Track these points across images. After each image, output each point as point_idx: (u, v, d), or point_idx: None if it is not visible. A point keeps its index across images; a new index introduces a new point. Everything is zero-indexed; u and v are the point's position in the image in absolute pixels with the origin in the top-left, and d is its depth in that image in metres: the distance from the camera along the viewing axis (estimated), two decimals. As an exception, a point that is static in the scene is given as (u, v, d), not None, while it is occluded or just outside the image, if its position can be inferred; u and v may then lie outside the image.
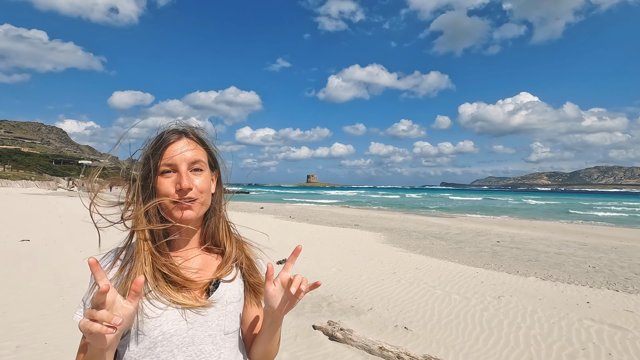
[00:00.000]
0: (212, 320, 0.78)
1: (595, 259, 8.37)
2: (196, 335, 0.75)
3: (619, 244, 11.04)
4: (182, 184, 0.76)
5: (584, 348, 3.54)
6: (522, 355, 3.37)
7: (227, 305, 0.81)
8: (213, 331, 0.77)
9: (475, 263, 7.59)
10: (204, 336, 0.76)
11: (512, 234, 12.91)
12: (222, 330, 0.79)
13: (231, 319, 0.81)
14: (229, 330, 0.80)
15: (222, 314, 0.79)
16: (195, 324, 0.76)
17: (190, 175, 0.79)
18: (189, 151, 0.79)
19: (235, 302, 0.83)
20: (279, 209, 23.96)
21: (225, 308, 0.80)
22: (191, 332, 0.75)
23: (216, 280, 0.81)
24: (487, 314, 4.41)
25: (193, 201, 0.78)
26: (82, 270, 5.69)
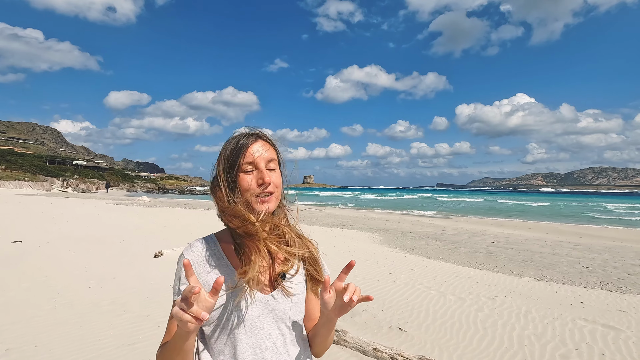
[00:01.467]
0: (280, 309, 0.89)
1: (589, 259, 8.43)
2: (266, 321, 0.87)
3: (613, 244, 11.12)
4: (265, 179, 0.87)
5: (577, 348, 3.55)
6: (516, 355, 3.38)
7: (294, 296, 0.91)
8: (280, 319, 0.89)
9: (471, 264, 7.61)
10: (272, 322, 0.88)
11: (507, 234, 12.97)
12: (288, 319, 0.90)
13: (296, 310, 0.92)
14: (294, 319, 0.91)
15: (288, 304, 0.90)
16: (265, 311, 0.87)
17: (267, 172, 0.90)
18: (266, 151, 0.91)
19: (299, 294, 0.93)
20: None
21: (291, 299, 0.90)
22: (261, 318, 0.86)
23: (283, 273, 0.91)
24: (482, 314, 4.42)
25: (270, 195, 0.89)
26: (75, 272, 5.64)
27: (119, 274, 5.59)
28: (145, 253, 7.19)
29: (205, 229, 11.50)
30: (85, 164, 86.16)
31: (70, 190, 47.24)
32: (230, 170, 0.90)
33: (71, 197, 31.84)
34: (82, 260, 6.38)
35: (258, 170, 0.89)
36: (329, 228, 13.52)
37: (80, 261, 6.34)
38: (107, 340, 3.38)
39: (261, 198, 0.88)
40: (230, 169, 0.90)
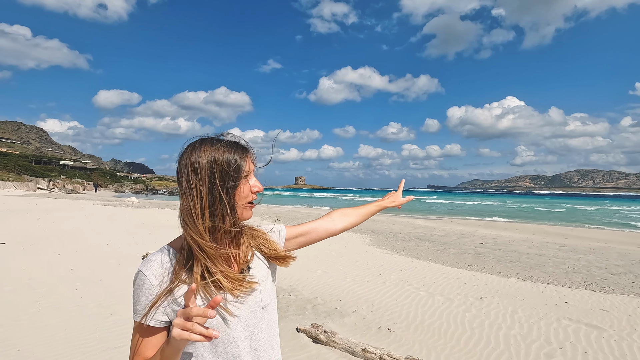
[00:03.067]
0: (251, 299, 0.93)
1: (574, 259, 8.60)
2: (242, 314, 0.91)
3: (597, 245, 11.37)
4: (260, 187, 0.93)
5: (562, 347, 3.62)
6: (502, 355, 3.43)
7: (260, 282, 0.96)
8: (253, 308, 0.93)
9: (459, 264, 7.70)
10: (248, 312, 0.92)
11: (495, 235, 13.15)
12: (260, 305, 0.94)
13: (266, 295, 0.97)
14: (265, 304, 0.96)
15: (258, 292, 0.94)
16: (239, 302, 0.91)
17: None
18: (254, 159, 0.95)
19: (265, 278, 0.98)
20: (266, 210, 23.81)
21: (259, 287, 0.95)
22: (238, 312, 0.90)
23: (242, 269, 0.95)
24: (469, 314, 4.48)
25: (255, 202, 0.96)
26: (60, 274, 5.53)
27: (106, 276, 5.50)
28: (133, 255, 7.09)
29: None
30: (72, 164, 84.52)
31: (56, 191, 46.31)
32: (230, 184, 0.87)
33: (57, 197, 31.21)
34: (67, 262, 6.26)
35: (250, 177, 0.93)
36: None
37: (66, 263, 6.22)
38: (92, 343, 3.33)
39: (252, 204, 0.94)
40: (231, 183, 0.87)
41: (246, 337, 0.91)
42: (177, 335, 0.71)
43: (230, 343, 0.89)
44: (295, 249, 1.14)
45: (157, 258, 0.88)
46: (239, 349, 0.90)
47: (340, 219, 1.21)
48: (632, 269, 7.65)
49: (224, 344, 0.89)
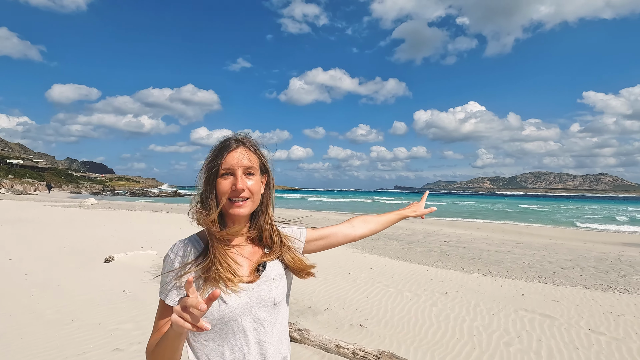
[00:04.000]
0: (265, 295, 0.98)
1: (529, 255, 9.22)
2: (253, 306, 0.96)
3: (549, 241, 12.23)
4: (237, 186, 0.95)
5: (519, 336, 3.90)
6: (466, 345, 3.64)
7: (274, 281, 1.01)
8: (266, 303, 0.98)
9: (426, 262, 8.01)
10: (259, 306, 0.97)
11: (458, 234, 13.77)
12: (272, 302, 0.99)
13: (279, 292, 1.01)
14: (277, 301, 1.01)
15: (271, 288, 0.99)
16: (252, 297, 0.96)
17: (244, 178, 0.97)
18: (245, 159, 0.98)
19: (280, 277, 1.03)
20: (235, 212, 23.41)
21: (273, 283, 1.00)
22: (249, 304, 0.95)
23: (264, 263, 1.01)
24: (436, 309, 4.69)
25: (245, 200, 0.97)
26: (13, 280, 5.16)
27: (65, 281, 5.20)
28: (94, 258, 6.75)
29: (162, 232, 11.02)
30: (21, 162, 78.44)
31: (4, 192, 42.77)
32: (209, 174, 0.98)
33: (5, 199, 28.85)
34: (20, 267, 5.85)
35: (234, 176, 0.96)
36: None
37: (19, 268, 5.81)
38: (53, 351, 3.15)
39: (236, 202, 0.96)
40: (208, 173, 0.98)
41: (255, 328, 0.96)
42: (173, 321, 0.75)
43: (239, 332, 0.94)
44: (315, 251, 1.19)
45: (182, 243, 0.99)
46: (247, 338, 0.95)
47: (360, 226, 1.25)
48: (579, 263, 8.32)
49: (234, 332, 0.94)
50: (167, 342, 0.83)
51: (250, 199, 0.98)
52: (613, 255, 9.57)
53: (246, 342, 0.95)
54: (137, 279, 5.54)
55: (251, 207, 0.99)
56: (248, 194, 0.97)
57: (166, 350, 0.85)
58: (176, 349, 0.85)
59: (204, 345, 0.94)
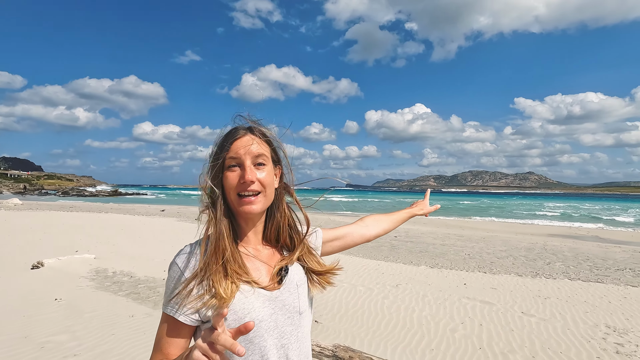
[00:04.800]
0: (289, 303, 0.86)
1: (469, 247, 9.94)
2: (278, 319, 0.83)
3: (486, 234, 13.30)
4: (246, 177, 0.81)
5: (463, 322, 4.18)
6: (416, 334, 3.82)
7: (298, 287, 0.89)
8: (291, 313, 0.86)
9: (377, 256, 8.28)
10: (284, 318, 0.84)
11: (406, 229, 14.44)
12: (297, 311, 0.87)
13: (303, 300, 0.90)
14: (302, 310, 0.89)
15: (295, 296, 0.88)
16: (276, 308, 0.83)
17: (253, 169, 0.83)
18: (253, 145, 0.84)
19: (303, 283, 0.91)
20: (183, 211, 22.33)
21: (297, 290, 0.88)
22: (274, 317, 0.82)
23: (285, 267, 0.89)
24: (387, 301, 4.86)
25: (257, 195, 0.83)
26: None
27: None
28: (19, 264, 6.03)
29: (100, 234, 10.17)
30: None
31: None
32: (214, 166, 0.84)
33: None
34: None
35: (242, 168, 0.83)
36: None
37: None
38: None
39: (245, 198, 0.82)
40: (213, 165, 0.84)
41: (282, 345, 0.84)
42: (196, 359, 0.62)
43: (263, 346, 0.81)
44: (330, 254, 1.09)
45: (188, 248, 0.85)
46: (269, 352, 0.82)
47: (373, 225, 1.19)
48: (512, 253, 9.15)
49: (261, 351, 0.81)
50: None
51: (262, 193, 0.84)
52: (539, 245, 10.66)
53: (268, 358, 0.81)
54: (72, 285, 5.05)
55: (263, 203, 0.85)
56: (259, 187, 0.83)
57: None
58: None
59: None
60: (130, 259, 6.97)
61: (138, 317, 3.97)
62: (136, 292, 4.91)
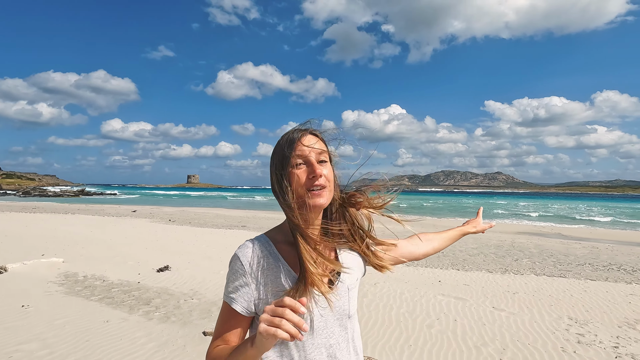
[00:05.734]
0: (339, 306, 0.90)
1: (443, 246, 10.27)
2: (328, 320, 0.88)
3: (459, 233, 13.78)
4: (316, 172, 0.87)
5: (438, 318, 4.34)
6: (395, 331, 3.93)
7: (349, 291, 0.93)
8: (340, 315, 0.90)
9: (355, 256, 8.40)
10: (334, 320, 0.88)
11: (382, 228, 14.69)
12: (346, 314, 0.91)
13: (353, 303, 0.94)
14: (351, 313, 0.93)
15: (346, 299, 0.91)
16: (326, 310, 0.87)
17: (318, 165, 0.88)
18: (316, 144, 0.91)
19: (354, 287, 0.96)
20: (156, 211, 21.67)
21: (347, 294, 0.92)
22: (324, 318, 0.87)
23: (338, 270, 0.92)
24: (366, 299, 4.97)
25: (323, 189, 0.89)
26: None
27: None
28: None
29: (68, 236, 9.72)
30: None
31: None
32: (281, 166, 0.89)
33: None
34: None
35: (309, 164, 0.88)
36: (219, 229, 13.00)
37: None
38: None
39: (313, 192, 0.87)
40: (280, 165, 0.89)
41: (330, 344, 0.87)
42: (263, 331, 0.65)
43: (314, 349, 0.85)
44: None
45: (251, 244, 0.89)
46: (316, 350, 0.86)
47: (424, 244, 1.19)
48: (482, 251, 9.55)
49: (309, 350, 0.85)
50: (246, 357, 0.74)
51: (327, 187, 0.89)
52: (508, 243, 11.19)
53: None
54: (40, 291, 4.82)
55: (328, 197, 0.90)
56: (325, 182, 0.89)
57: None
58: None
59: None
60: (101, 262, 6.72)
61: (113, 322, 3.85)
62: (110, 297, 4.76)
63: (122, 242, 9.23)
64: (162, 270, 6.11)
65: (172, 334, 3.65)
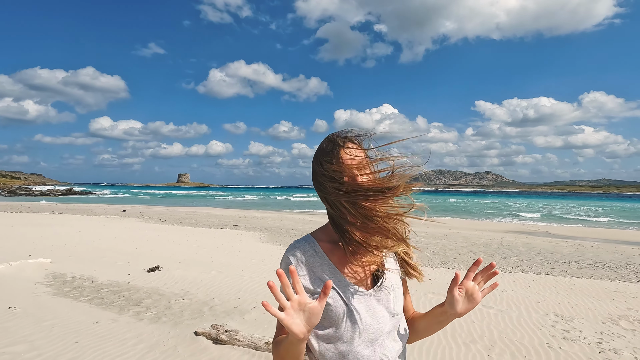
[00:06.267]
0: (383, 303, 0.94)
1: (433, 244, 10.39)
2: (375, 315, 0.92)
3: (449, 231, 13.94)
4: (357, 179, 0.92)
5: (428, 316, 4.40)
6: (385, 329, 3.98)
7: (393, 291, 0.97)
8: (384, 312, 0.94)
9: (346, 255, 8.45)
10: (377, 317, 0.93)
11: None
12: (390, 312, 0.95)
13: (397, 303, 0.97)
14: (396, 312, 0.96)
15: (389, 298, 0.95)
16: (370, 305, 0.93)
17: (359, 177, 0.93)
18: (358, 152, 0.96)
19: (398, 288, 0.99)
20: (146, 211, 21.43)
21: (391, 293, 0.96)
22: (369, 313, 0.92)
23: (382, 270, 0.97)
24: (358, 298, 5.01)
25: None
26: None
27: None
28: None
29: (56, 237, 9.57)
30: None
31: None
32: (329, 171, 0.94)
33: None
34: None
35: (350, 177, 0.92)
36: (210, 229, 12.93)
37: None
38: None
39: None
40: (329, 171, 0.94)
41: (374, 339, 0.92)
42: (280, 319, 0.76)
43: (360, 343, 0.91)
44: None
45: (299, 244, 0.98)
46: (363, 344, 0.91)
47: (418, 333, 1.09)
48: (472, 249, 9.69)
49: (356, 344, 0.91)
50: (286, 348, 0.84)
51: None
52: (497, 241, 11.36)
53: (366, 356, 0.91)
54: (27, 292, 4.74)
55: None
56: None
57: (286, 355, 0.85)
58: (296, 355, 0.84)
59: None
60: (90, 262, 6.63)
61: (103, 324, 3.82)
62: (99, 297, 4.71)
63: (112, 242, 9.12)
64: (152, 270, 6.06)
65: (163, 334, 3.63)
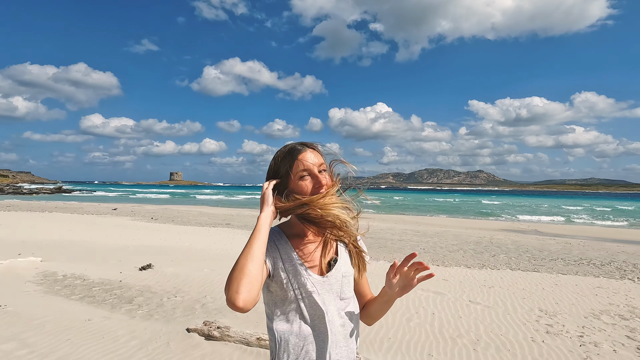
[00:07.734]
0: (333, 288, 1.06)
1: (424, 242, 10.53)
2: (325, 298, 1.04)
3: (440, 229, 14.11)
4: (321, 182, 1.05)
5: (417, 312, 4.49)
6: (375, 325, 4.05)
7: (343, 277, 1.09)
8: (334, 295, 1.06)
9: (338, 253, 8.53)
10: (330, 299, 1.05)
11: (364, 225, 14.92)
12: (338, 296, 1.07)
13: (347, 288, 1.10)
14: (345, 296, 1.09)
15: (339, 283, 1.08)
16: (322, 289, 1.05)
17: (320, 175, 1.06)
18: (316, 158, 1.07)
19: (349, 275, 1.12)
20: (138, 209, 21.27)
21: (342, 279, 1.08)
22: (322, 295, 1.04)
23: (335, 258, 1.11)
24: (349, 295, 5.09)
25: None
26: None
27: None
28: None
29: (47, 235, 9.48)
30: None
31: None
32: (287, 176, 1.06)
33: None
34: None
35: (312, 176, 1.05)
36: (202, 227, 12.91)
37: None
38: None
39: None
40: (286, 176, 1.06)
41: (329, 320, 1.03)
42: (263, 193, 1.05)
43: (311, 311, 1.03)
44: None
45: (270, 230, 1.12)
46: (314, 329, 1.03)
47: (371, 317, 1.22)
48: (462, 247, 9.84)
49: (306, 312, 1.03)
50: (254, 236, 0.98)
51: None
52: (486, 239, 11.55)
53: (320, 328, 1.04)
54: (18, 291, 4.73)
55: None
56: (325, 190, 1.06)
57: (250, 248, 0.98)
58: (260, 244, 0.98)
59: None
60: (81, 261, 6.61)
61: (95, 321, 3.84)
62: (91, 295, 4.71)
63: (103, 240, 9.07)
64: (144, 268, 6.07)
65: (156, 331, 3.66)
